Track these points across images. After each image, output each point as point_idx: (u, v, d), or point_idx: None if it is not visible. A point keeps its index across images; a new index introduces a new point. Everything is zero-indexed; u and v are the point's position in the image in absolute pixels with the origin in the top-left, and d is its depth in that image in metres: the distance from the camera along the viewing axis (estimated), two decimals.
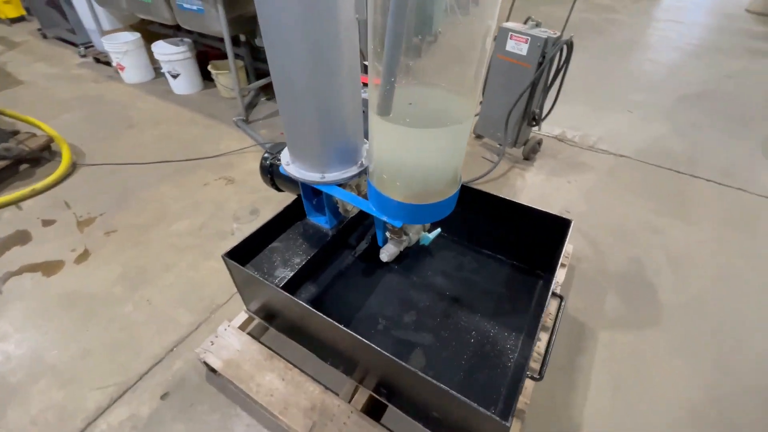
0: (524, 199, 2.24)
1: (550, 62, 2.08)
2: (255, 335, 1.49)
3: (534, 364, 1.32)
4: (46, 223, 2.06)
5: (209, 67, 3.05)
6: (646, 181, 2.39)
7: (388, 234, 1.18)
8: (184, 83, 3.18)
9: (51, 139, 2.48)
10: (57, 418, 1.30)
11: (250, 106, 3.06)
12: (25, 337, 1.53)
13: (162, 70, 3.17)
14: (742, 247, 1.95)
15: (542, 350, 1.23)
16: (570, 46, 2.06)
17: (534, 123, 2.36)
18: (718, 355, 1.50)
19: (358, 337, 0.99)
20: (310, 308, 1.05)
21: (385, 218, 1.07)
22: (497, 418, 0.86)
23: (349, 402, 1.24)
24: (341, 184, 1.19)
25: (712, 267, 1.85)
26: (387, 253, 1.17)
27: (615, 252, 1.92)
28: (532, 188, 2.33)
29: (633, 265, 1.86)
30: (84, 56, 3.90)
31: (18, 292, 1.71)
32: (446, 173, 0.98)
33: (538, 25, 2.13)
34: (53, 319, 1.60)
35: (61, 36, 4.21)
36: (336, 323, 1.01)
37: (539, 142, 2.53)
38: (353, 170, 1.19)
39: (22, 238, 1.97)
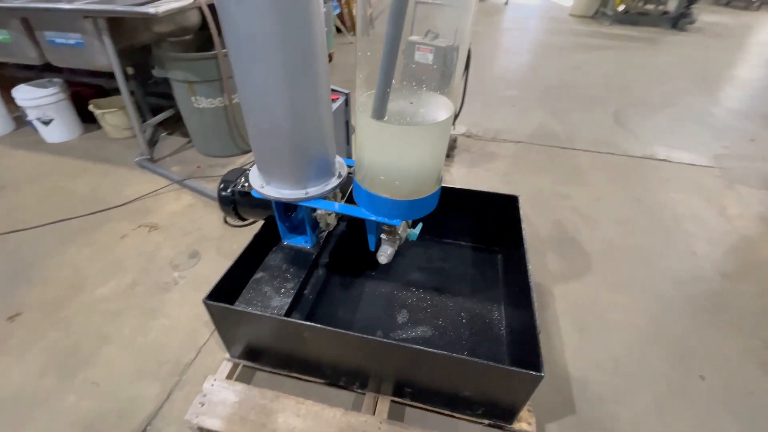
0: None
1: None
2: (244, 383, 1.37)
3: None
4: None
5: (90, 107, 2.66)
6: (543, 159, 2.82)
7: (383, 237, 1.21)
8: (60, 129, 2.71)
9: None
10: None
11: (151, 143, 2.75)
12: None
13: (27, 119, 2.66)
14: (625, 195, 2.44)
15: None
16: (468, 52, 2.34)
17: None
18: (643, 281, 1.85)
19: (385, 340, 1.00)
20: (326, 327, 1.02)
21: (383, 219, 1.10)
22: (533, 372, 0.96)
23: (374, 414, 1.22)
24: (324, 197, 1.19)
25: (612, 215, 2.27)
26: (385, 254, 1.19)
27: (540, 220, 2.23)
28: (459, 180, 2.57)
29: (556, 227, 2.18)
30: None
31: None
32: (437, 166, 1.06)
33: (437, 36, 2.38)
34: None
35: None
36: (359, 334, 1.00)
37: (455, 140, 2.79)
38: (334, 181, 1.20)
39: None
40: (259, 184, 1.18)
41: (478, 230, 1.78)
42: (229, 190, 1.30)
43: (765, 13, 8.08)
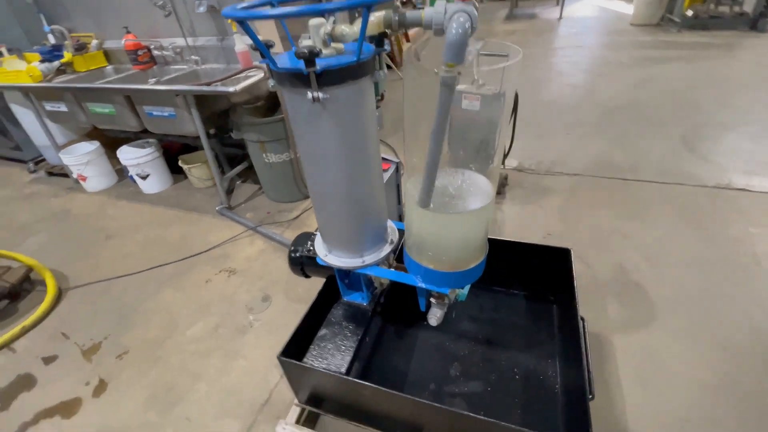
0: (509, 228, 2.47)
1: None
2: (310, 427, 1.51)
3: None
4: (48, 360, 1.94)
5: (180, 163, 3.10)
6: (602, 192, 2.74)
7: (432, 300, 1.30)
8: (154, 182, 3.18)
9: (30, 269, 2.37)
10: None
11: (228, 192, 3.12)
12: None
13: (128, 174, 3.16)
14: (695, 232, 2.29)
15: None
16: (516, 96, 2.39)
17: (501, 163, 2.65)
18: (714, 333, 1.73)
19: (428, 402, 1.08)
20: (379, 387, 1.13)
21: (432, 288, 1.20)
22: None
23: None
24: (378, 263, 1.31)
25: (680, 255, 2.14)
26: (435, 317, 1.28)
27: (599, 262, 2.17)
28: (511, 219, 2.58)
29: (617, 270, 2.11)
30: (34, 171, 3.76)
31: None
32: (480, 243, 1.14)
33: (483, 84, 2.46)
34: None
35: (5, 155, 4.03)
36: (414, 398, 1.09)
37: (506, 177, 2.82)
38: (387, 248, 1.32)
39: (26, 383, 1.84)
40: (323, 253, 1.34)
41: (530, 279, 1.79)
42: (298, 254, 1.48)
43: None
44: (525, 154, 3.27)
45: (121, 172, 3.37)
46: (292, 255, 1.49)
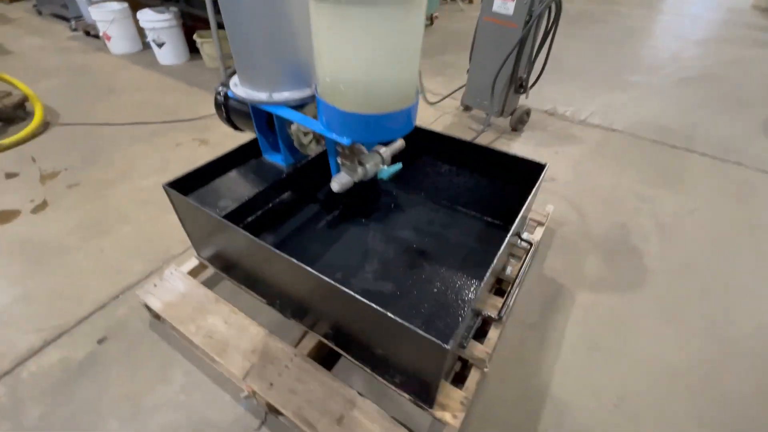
0: None
1: (537, 20, 1.98)
2: (209, 286, 1.41)
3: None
4: (9, 175, 1.98)
5: (195, 36, 2.99)
6: (637, 154, 2.28)
7: (339, 160, 1.08)
8: (170, 53, 3.12)
9: (25, 98, 2.42)
10: None
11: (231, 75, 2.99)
12: None
13: (147, 40, 3.12)
14: (736, 216, 1.84)
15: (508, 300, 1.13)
16: (559, 4, 1.96)
17: (521, 90, 2.26)
18: (705, 321, 1.38)
19: (300, 264, 0.89)
20: (254, 238, 0.96)
21: (333, 136, 0.98)
22: (436, 340, 0.76)
23: (295, 346, 1.14)
24: (296, 109, 1.10)
25: (704, 235, 1.73)
26: (338, 182, 1.07)
27: (600, 217, 1.81)
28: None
29: (618, 230, 1.75)
30: (75, 30, 3.87)
31: None
32: (398, 73, 0.88)
33: None
34: (0, 267, 1.52)
35: (55, 12, 4.19)
36: (281, 253, 0.91)
37: (527, 112, 2.43)
38: (306, 92, 1.10)
39: None
40: (234, 83, 1.15)
41: (497, 204, 1.51)
42: (222, 95, 1.31)
43: None
44: (564, 100, 2.82)
45: (146, 42, 3.34)
46: (217, 96, 1.32)
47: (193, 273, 1.38)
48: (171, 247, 1.60)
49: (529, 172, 1.31)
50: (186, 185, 1.19)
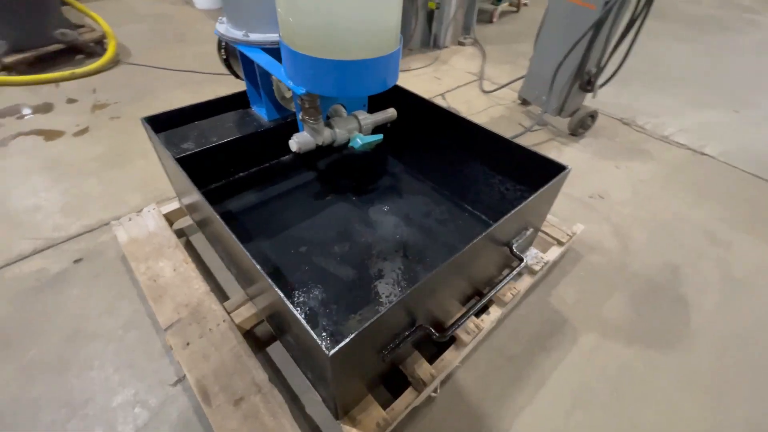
0: None
1: (621, 3, 1.64)
2: (187, 234, 1.40)
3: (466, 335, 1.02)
4: (70, 101, 2.17)
5: None
6: (725, 186, 1.82)
7: (300, 116, 0.96)
8: None
9: (104, 35, 2.64)
10: None
11: None
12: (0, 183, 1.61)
13: None
14: None
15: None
16: None
17: (588, 87, 1.91)
18: (746, 410, 1.04)
19: (223, 224, 0.79)
20: (192, 185, 0.88)
21: (288, 83, 0.85)
22: (318, 341, 0.62)
23: (229, 313, 1.06)
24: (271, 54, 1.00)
25: None
26: (296, 140, 0.95)
27: (647, 252, 1.47)
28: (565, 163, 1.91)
29: (667, 273, 1.40)
30: None
31: (18, 148, 1.82)
32: (368, 9, 0.72)
33: None
34: (30, 176, 1.66)
35: None
36: (214, 212, 0.82)
37: (592, 115, 2.06)
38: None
39: (46, 108, 2.10)
40: (221, 20, 1.07)
41: (505, 206, 1.27)
42: (224, 42, 1.24)
43: None
44: (648, 109, 2.38)
45: None
46: (220, 42, 1.26)
47: (173, 216, 1.37)
48: (169, 190, 1.61)
49: (546, 174, 1.07)
50: (165, 123, 1.16)
